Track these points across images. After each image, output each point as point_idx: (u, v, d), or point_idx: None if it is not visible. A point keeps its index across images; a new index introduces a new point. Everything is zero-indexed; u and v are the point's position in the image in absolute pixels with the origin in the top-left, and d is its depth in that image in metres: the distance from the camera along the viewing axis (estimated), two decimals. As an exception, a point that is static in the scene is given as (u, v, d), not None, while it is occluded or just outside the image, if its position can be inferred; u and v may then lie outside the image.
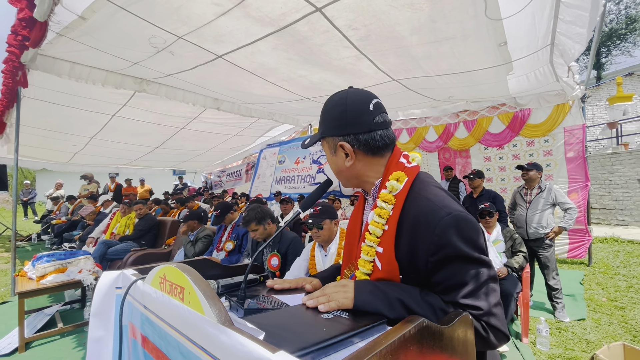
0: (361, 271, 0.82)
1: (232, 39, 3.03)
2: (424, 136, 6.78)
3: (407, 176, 0.82)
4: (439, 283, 0.73)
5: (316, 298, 0.74)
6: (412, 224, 0.75)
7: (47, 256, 3.31)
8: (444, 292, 0.73)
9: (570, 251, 5.12)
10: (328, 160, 0.91)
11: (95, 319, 0.99)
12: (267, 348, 0.46)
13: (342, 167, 0.87)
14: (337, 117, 0.85)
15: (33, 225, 10.46)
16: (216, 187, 11.81)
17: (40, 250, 7.15)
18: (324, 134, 0.88)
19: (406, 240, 0.75)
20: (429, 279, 0.74)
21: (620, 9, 21.96)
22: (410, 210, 0.77)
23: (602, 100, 12.66)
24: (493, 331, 0.72)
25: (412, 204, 0.77)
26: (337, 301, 0.72)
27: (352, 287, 0.75)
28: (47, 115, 5.13)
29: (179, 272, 0.68)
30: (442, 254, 0.71)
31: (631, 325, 3.14)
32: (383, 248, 0.78)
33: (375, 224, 0.80)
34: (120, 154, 8.17)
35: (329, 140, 0.87)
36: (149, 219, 5.07)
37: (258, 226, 2.68)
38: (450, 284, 0.72)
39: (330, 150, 0.88)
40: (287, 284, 0.96)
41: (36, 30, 2.56)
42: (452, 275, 0.72)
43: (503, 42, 2.90)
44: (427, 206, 0.75)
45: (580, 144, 5.00)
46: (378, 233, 0.80)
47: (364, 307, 0.72)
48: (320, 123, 0.90)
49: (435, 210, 0.73)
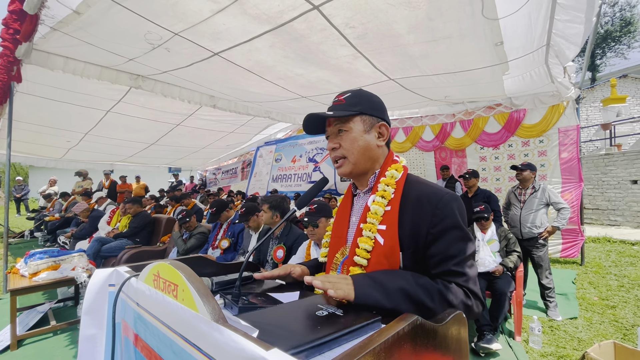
0: (362, 247, 0.87)
1: (228, 36, 3.01)
2: (421, 135, 6.80)
3: (403, 169, 0.95)
4: (436, 254, 0.82)
5: (322, 282, 0.74)
6: (415, 203, 0.86)
7: (40, 253, 3.27)
8: (439, 263, 0.82)
9: (563, 251, 5.17)
10: (354, 138, 0.93)
11: (87, 317, 0.98)
12: (260, 346, 0.46)
13: (372, 145, 0.94)
14: (378, 103, 0.97)
15: (26, 222, 10.35)
16: (211, 185, 11.76)
17: (33, 247, 7.07)
18: (363, 112, 0.93)
19: (409, 217, 0.85)
20: (426, 251, 0.83)
21: (615, 12, 22.17)
22: (411, 193, 0.88)
23: (596, 102, 12.79)
24: (475, 297, 0.82)
25: (411, 189, 0.89)
26: (343, 290, 0.74)
27: (352, 281, 0.77)
28: (40, 111, 5.07)
29: (173, 269, 0.67)
30: (442, 225, 0.82)
31: (622, 324, 3.19)
32: (386, 225, 0.86)
33: (378, 204, 0.89)
34: (115, 150, 8.10)
35: (367, 119, 0.94)
36: (144, 216, 5.04)
37: (268, 211, 2.79)
38: (445, 255, 0.81)
39: (364, 127, 0.94)
40: (276, 271, 1.00)
41: (27, 23, 2.52)
42: (447, 247, 0.82)
43: (499, 41, 2.91)
44: (428, 188, 0.88)
45: (575, 145, 5.05)
46: (380, 212, 0.88)
47: (364, 300, 0.73)
48: (352, 104, 0.94)
49: (435, 191, 0.86)
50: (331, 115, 0.91)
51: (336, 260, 0.97)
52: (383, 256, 0.84)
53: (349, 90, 0.97)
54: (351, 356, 0.47)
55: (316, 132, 1.00)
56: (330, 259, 1.00)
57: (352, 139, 0.93)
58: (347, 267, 0.91)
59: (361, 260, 0.86)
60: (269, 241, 2.76)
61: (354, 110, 0.93)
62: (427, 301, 0.74)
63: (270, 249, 2.73)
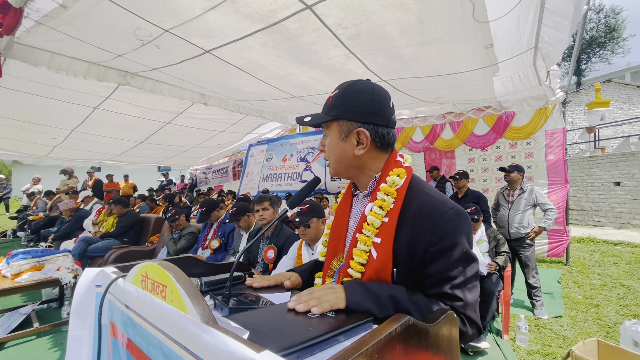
0: (356, 261, 0.82)
1: (220, 34, 2.98)
2: (411, 136, 6.86)
3: (406, 173, 0.86)
4: (432, 275, 0.77)
5: (305, 302, 0.71)
6: (414, 216, 0.78)
7: (22, 253, 3.18)
8: (435, 284, 0.77)
9: (550, 251, 5.29)
10: (331, 145, 0.88)
11: (75, 317, 0.96)
12: (251, 347, 0.45)
13: (349, 154, 0.86)
14: (363, 104, 0.85)
15: (8, 221, 10.05)
16: (201, 184, 11.63)
17: (15, 247, 6.88)
18: (339, 116, 0.85)
19: (407, 232, 0.78)
20: (423, 270, 0.78)
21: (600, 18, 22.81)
22: (412, 204, 0.80)
23: (582, 106, 13.13)
24: (470, 324, 0.77)
25: (413, 198, 0.81)
26: (329, 302, 0.71)
27: (342, 288, 0.75)
28: (23, 107, 4.91)
29: (161, 269, 0.66)
30: (442, 244, 0.75)
31: (605, 322, 3.27)
32: (381, 239, 0.80)
33: (375, 215, 0.82)
34: (103, 148, 7.91)
35: (343, 124, 0.86)
36: (132, 215, 4.95)
37: (270, 207, 2.76)
38: (443, 276, 0.76)
39: (340, 134, 0.86)
40: (267, 281, 0.95)
41: (10, 16, 2.43)
42: (446, 268, 0.76)
43: (489, 44, 2.95)
44: (430, 201, 0.80)
45: (561, 147, 5.16)
46: (377, 224, 0.81)
47: (355, 307, 0.72)
48: (333, 105, 0.87)
49: (438, 204, 0.78)
50: (307, 123, 0.87)
51: (332, 267, 0.94)
52: (374, 271, 0.79)
53: (340, 85, 0.90)
54: (343, 357, 0.46)
55: None
56: (328, 264, 0.96)
57: (329, 146, 0.89)
58: (342, 275, 0.88)
59: (355, 273, 0.83)
60: (259, 241, 2.74)
61: (330, 114, 0.86)
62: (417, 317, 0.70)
63: (261, 250, 2.71)
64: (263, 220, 2.74)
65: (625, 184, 8.19)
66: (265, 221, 2.72)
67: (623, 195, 8.22)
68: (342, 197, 1.03)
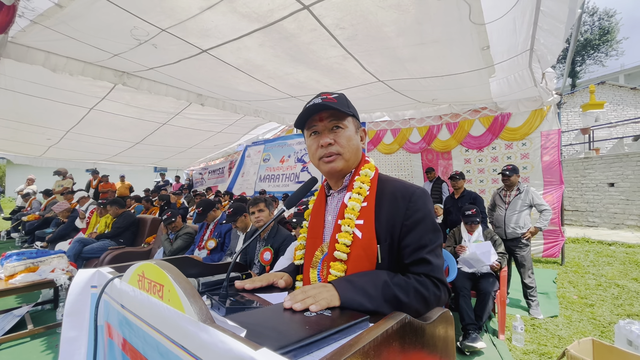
0: (341, 242, 0.89)
1: (217, 33, 2.97)
2: (408, 137, 6.89)
3: (374, 168, 1.02)
4: (410, 244, 0.87)
5: (302, 300, 0.72)
6: (390, 198, 0.92)
7: (16, 254, 3.15)
8: (412, 252, 0.87)
9: (545, 251, 5.33)
10: (350, 137, 0.98)
11: (69, 319, 0.95)
12: (249, 346, 0.45)
13: (359, 146, 1.02)
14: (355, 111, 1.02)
15: (2, 222, 9.95)
16: (197, 185, 11.59)
17: (9, 248, 6.81)
18: (354, 114, 1.00)
19: (385, 212, 0.90)
20: (401, 242, 0.88)
21: (594, 20, 23.05)
22: (385, 189, 0.94)
23: (576, 107, 13.25)
24: (442, 286, 0.86)
25: (385, 185, 0.95)
26: (326, 299, 0.73)
27: (332, 286, 0.78)
28: (18, 107, 4.87)
29: (158, 269, 0.65)
30: (415, 217, 0.88)
31: (599, 322, 3.30)
32: (364, 220, 0.90)
33: (355, 200, 0.93)
34: (99, 149, 7.86)
35: (355, 122, 1.01)
36: (127, 216, 4.92)
37: (265, 208, 2.76)
38: (418, 245, 0.87)
39: (355, 128, 1.00)
40: (258, 282, 0.97)
41: (3, 14, 2.41)
42: (420, 237, 0.87)
43: (486, 46, 2.97)
44: (401, 184, 0.95)
45: (556, 148, 5.20)
46: (357, 208, 0.92)
47: (349, 303, 0.74)
48: (344, 105, 0.96)
49: (408, 187, 0.93)
50: (336, 108, 0.92)
51: (316, 258, 0.97)
52: (361, 249, 0.87)
53: (333, 92, 0.98)
54: (340, 355, 0.47)
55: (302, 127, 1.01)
56: (309, 258, 0.99)
57: (348, 137, 0.96)
58: (327, 263, 0.92)
59: (341, 254, 0.88)
60: (255, 243, 2.73)
61: (348, 110, 0.96)
62: (403, 297, 0.78)
63: (257, 251, 2.70)
64: (260, 223, 2.73)
65: (619, 185, 8.27)
66: (262, 223, 2.71)
67: (617, 196, 8.30)
68: (314, 202, 1.11)
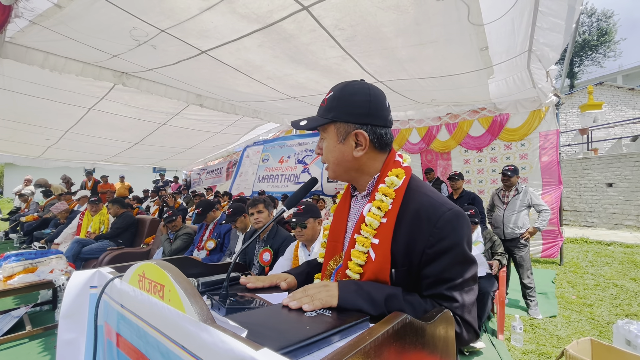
0: (354, 262, 0.81)
1: (217, 34, 2.97)
2: (407, 138, 6.90)
3: (405, 174, 0.85)
4: (429, 276, 0.76)
5: (299, 299, 0.72)
6: (412, 217, 0.78)
7: (15, 255, 3.14)
8: (432, 285, 0.76)
9: (544, 251, 5.34)
10: (329, 148, 0.87)
11: (65, 321, 0.93)
12: (250, 346, 0.45)
13: (348, 156, 0.85)
14: (359, 105, 0.84)
15: (0, 223, 9.91)
16: (195, 185, 11.58)
17: (8, 249, 6.78)
18: (336, 119, 0.84)
19: (405, 233, 0.77)
20: (420, 271, 0.77)
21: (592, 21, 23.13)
22: (410, 205, 0.79)
23: (575, 108, 13.29)
24: (466, 326, 0.76)
25: (411, 199, 0.80)
26: (321, 300, 0.72)
27: (336, 286, 0.76)
28: (16, 107, 4.86)
29: (159, 269, 0.65)
30: (439, 246, 0.74)
31: (598, 322, 3.31)
32: (379, 240, 0.79)
33: (373, 216, 0.81)
34: (98, 149, 7.84)
35: (340, 127, 0.85)
36: (127, 216, 4.91)
37: (264, 210, 2.76)
38: (440, 277, 0.75)
39: (337, 137, 0.85)
40: (261, 282, 0.94)
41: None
42: (444, 269, 0.75)
43: (484, 46, 2.98)
44: (429, 202, 0.79)
45: (554, 149, 5.22)
46: (375, 225, 0.81)
47: (348, 305, 0.72)
48: (328, 108, 0.86)
49: (436, 205, 0.77)
50: (304, 127, 0.85)
51: (330, 267, 0.93)
52: (372, 272, 0.79)
53: (335, 87, 0.88)
54: (341, 355, 0.47)
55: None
56: (326, 264, 0.96)
57: (327, 149, 0.88)
58: (339, 276, 0.88)
59: (353, 274, 0.82)
60: (255, 243, 2.73)
61: (327, 117, 0.85)
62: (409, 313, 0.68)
63: (256, 252, 2.70)
64: (259, 224, 2.72)
65: (618, 185, 8.30)
66: (261, 224, 2.70)
67: (615, 196, 8.32)
68: (340, 198, 1.02)
